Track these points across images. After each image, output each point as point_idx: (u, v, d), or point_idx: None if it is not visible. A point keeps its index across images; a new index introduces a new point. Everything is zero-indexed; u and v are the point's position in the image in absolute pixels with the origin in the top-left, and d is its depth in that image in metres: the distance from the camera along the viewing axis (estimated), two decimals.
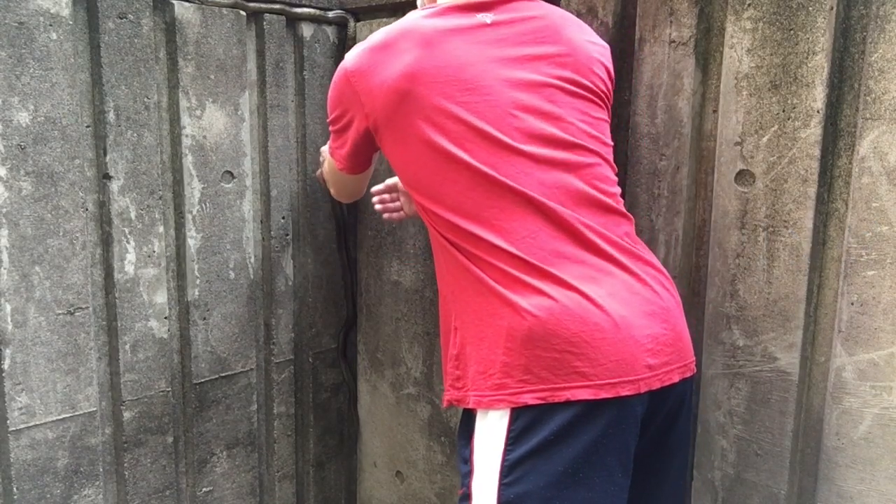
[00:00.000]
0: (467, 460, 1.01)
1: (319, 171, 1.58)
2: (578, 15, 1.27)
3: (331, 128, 1.19)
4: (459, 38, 1.03)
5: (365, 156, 1.20)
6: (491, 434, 0.97)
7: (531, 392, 0.93)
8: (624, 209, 1.07)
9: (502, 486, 0.94)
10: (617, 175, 1.09)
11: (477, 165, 0.99)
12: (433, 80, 1.01)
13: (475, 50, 1.02)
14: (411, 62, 1.01)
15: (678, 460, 1.11)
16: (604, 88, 1.10)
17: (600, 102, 1.09)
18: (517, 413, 0.94)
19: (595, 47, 1.11)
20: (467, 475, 1.00)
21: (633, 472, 0.98)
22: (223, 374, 1.55)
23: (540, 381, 0.93)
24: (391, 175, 1.66)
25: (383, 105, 1.03)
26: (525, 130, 1.00)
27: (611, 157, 1.09)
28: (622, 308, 0.96)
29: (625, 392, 0.93)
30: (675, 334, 1.01)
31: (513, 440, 0.94)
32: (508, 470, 0.93)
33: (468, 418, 1.04)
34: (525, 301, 0.95)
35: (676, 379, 1.00)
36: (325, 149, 1.41)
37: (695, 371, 1.06)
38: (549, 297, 0.95)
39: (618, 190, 1.08)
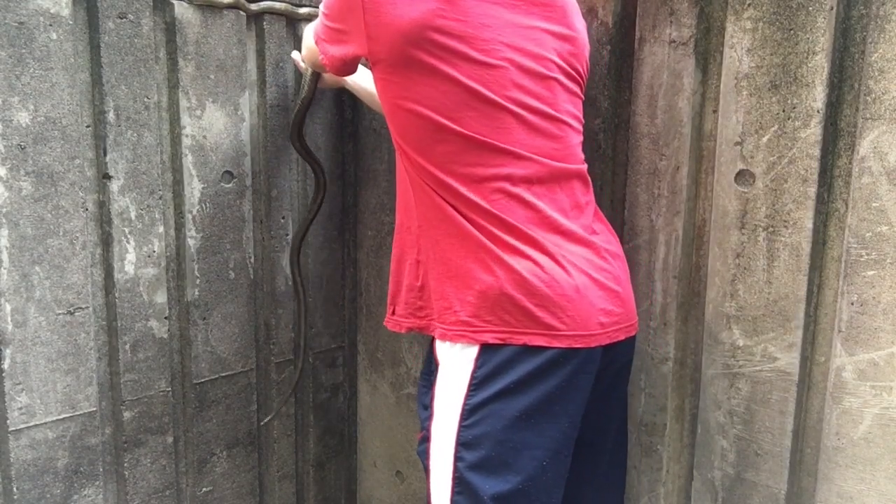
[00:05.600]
0: (427, 406, 1.11)
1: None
2: None
3: (326, 23, 1.12)
4: None
5: (353, 66, 1.16)
6: (454, 379, 1.05)
7: (492, 332, 1.03)
8: (588, 178, 1.15)
9: (462, 428, 1.03)
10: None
11: (471, 134, 1.02)
12: (448, 33, 0.99)
13: (492, 11, 1.02)
14: (433, 9, 0.99)
15: (619, 416, 1.23)
16: (584, 73, 1.17)
17: (582, 84, 1.16)
18: (480, 361, 1.03)
19: (585, 34, 1.18)
20: (427, 419, 1.10)
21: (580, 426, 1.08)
22: (223, 374, 1.55)
23: (503, 324, 1.02)
24: (385, 176, 1.66)
25: (390, 43, 1.01)
26: (522, 103, 1.04)
27: (581, 133, 1.16)
28: (582, 276, 1.05)
29: (577, 344, 1.03)
30: (622, 299, 1.12)
31: (474, 387, 1.03)
32: (468, 413, 1.03)
33: (430, 369, 1.14)
34: (505, 259, 1.03)
35: (622, 337, 1.10)
36: (309, 29, 1.34)
37: (637, 330, 1.18)
38: (528, 258, 1.03)
39: (584, 163, 1.15)
